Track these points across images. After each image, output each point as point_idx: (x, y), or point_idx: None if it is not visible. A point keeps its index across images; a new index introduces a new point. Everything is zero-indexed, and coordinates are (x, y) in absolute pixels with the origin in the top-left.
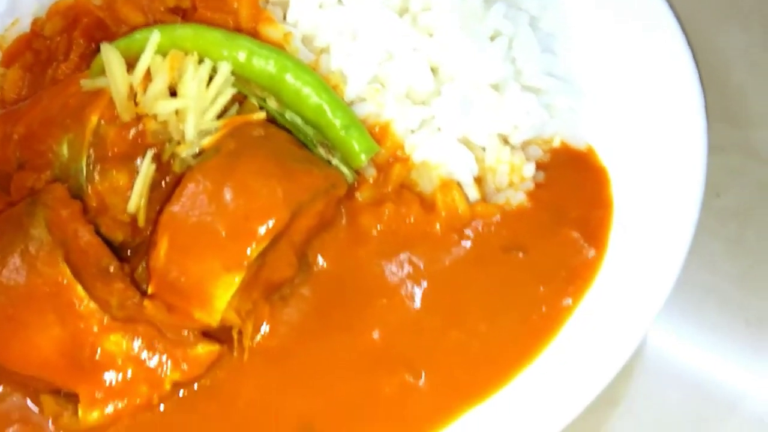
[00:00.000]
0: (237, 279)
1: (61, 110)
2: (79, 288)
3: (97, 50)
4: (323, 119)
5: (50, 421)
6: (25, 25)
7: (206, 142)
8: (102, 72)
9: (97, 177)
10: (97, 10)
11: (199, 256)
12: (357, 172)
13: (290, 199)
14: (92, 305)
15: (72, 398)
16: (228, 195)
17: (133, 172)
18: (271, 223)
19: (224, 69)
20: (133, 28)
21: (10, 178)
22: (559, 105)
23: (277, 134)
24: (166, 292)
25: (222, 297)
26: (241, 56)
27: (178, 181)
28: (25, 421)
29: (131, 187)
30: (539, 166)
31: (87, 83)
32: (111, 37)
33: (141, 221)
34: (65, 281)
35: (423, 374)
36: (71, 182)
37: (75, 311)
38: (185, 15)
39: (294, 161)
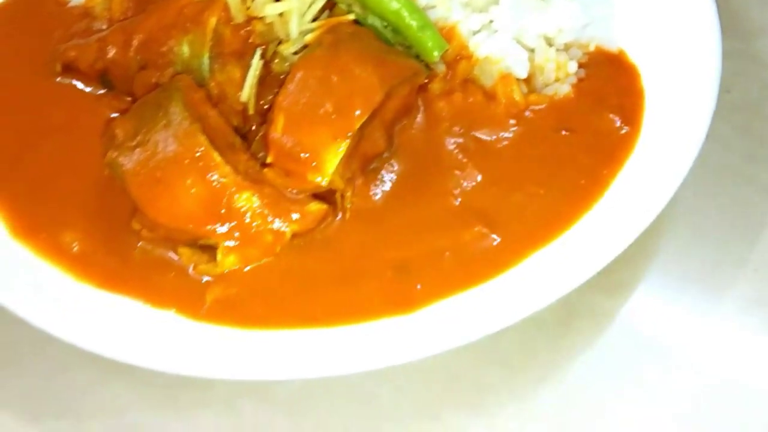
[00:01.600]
0: (343, 146)
1: (177, 17)
2: (216, 154)
3: None
4: (401, 22)
5: (191, 267)
6: None
7: (308, 38)
8: None
9: (216, 70)
10: None
11: (311, 128)
12: (429, 68)
13: (384, 81)
14: (227, 168)
15: (206, 249)
16: (333, 78)
17: (245, 67)
18: (369, 100)
19: None
20: None
21: (131, 80)
22: (593, 13)
23: (365, 32)
24: (283, 160)
25: (331, 161)
26: None
27: (280, 76)
28: (170, 266)
29: (243, 80)
30: (579, 66)
31: None
32: None
33: (251, 109)
34: (204, 149)
35: (494, 226)
36: (194, 75)
37: (212, 173)
38: None
39: (383, 52)
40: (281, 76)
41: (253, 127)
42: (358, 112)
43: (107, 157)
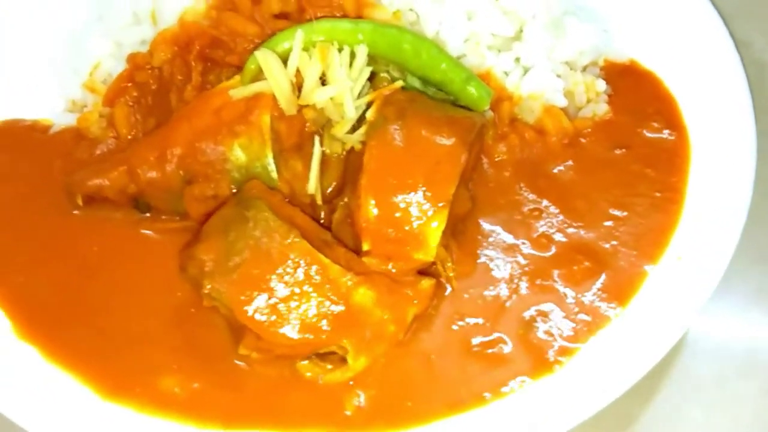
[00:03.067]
0: (443, 217)
1: (215, 121)
2: (321, 256)
3: (213, 67)
4: (445, 77)
5: (319, 379)
6: (111, 68)
7: (369, 115)
8: (252, 78)
9: (282, 168)
10: (210, 30)
11: (406, 208)
12: None
13: (463, 140)
14: (337, 268)
15: (325, 357)
16: (414, 149)
17: (305, 158)
18: (456, 162)
19: (362, 51)
20: (250, 40)
21: (175, 198)
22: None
23: (418, 96)
24: (380, 245)
25: (435, 235)
26: (361, 37)
27: (332, 158)
28: (293, 385)
29: (306, 172)
30: None
31: (238, 92)
32: (228, 52)
33: (319, 199)
34: (310, 256)
35: (598, 258)
36: (260, 178)
37: (325, 276)
38: (289, 17)
39: (446, 111)
40: (336, 157)
41: (322, 215)
42: (451, 176)
43: (205, 289)
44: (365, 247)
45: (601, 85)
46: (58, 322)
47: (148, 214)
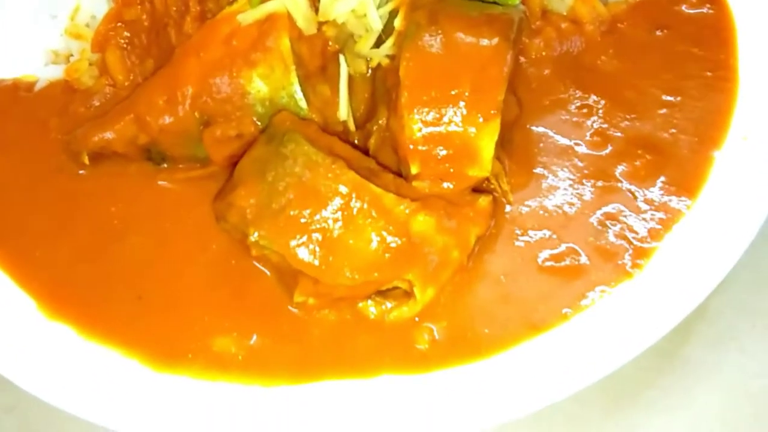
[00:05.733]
0: (495, 126)
1: (227, 51)
2: (373, 186)
3: None
4: None
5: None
6: (92, 8)
7: (397, 25)
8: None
9: (311, 95)
10: None
11: (454, 121)
12: None
13: (506, 36)
14: (391, 196)
15: (386, 294)
16: (455, 55)
17: (331, 80)
18: (502, 63)
19: None
20: None
21: (193, 143)
22: None
23: None
24: (431, 167)
25: (488, 146)
26: None
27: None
28: (360, 327)
29: (336, 95)
30: None
31: (249, 15)
32: None
33: (352, 126)
34: (359, 187)
35: (658, 149)
36: (287, 109)
37: (380, 208)
38: None
39: (478, 8)
40: (361, 76)
41: (356, 142)
42: (498, 81)
43: (251, 237)
44: (414, 170)
45: None
46: (88, 294)
47: (164, 165)
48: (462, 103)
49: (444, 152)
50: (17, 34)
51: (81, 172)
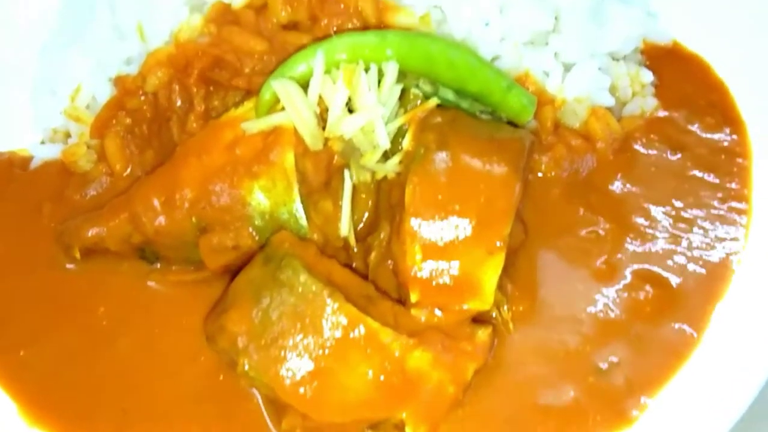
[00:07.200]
0: (500, 259)
1: (229, 160)
2: (370, 320)
3: (216, 90)
4: (485, 88)
5: None
6: (94, 91)
7: (406, 145)
8: (268, 109)
9: (312, 213)
10: (210, 50)
11: (458, 252)
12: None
13: (515, 165)
14: (388, 332)
15: (375, 428)
16: (462, 183)
17: (334, 195)
18: (511, 194)
19: (392, 69)
20: (258, 58)
21: (188, 247)
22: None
23: (454, 113)
24: (431, 296)
25: (491, 280)
26: (390, 52)
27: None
28: None
29: (337, 212)
30: None
31: (253, 125)
32: (233, 74)
33: (352, 241)
34: (354, 319)
35: (663, 284)
36: (286, 226)
37: (376, 344)
38: (299, 27)
39: (489, 132)
40: (365, 187)
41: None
42: (505, 215)
43: (241, 367)
44: (413, 298)
45: (647, 76)
46: (72, 402)
47: (157, 264)
48: (467, 235)
49: (445, 283)
50: (14, 106)
51: (70, 266)
